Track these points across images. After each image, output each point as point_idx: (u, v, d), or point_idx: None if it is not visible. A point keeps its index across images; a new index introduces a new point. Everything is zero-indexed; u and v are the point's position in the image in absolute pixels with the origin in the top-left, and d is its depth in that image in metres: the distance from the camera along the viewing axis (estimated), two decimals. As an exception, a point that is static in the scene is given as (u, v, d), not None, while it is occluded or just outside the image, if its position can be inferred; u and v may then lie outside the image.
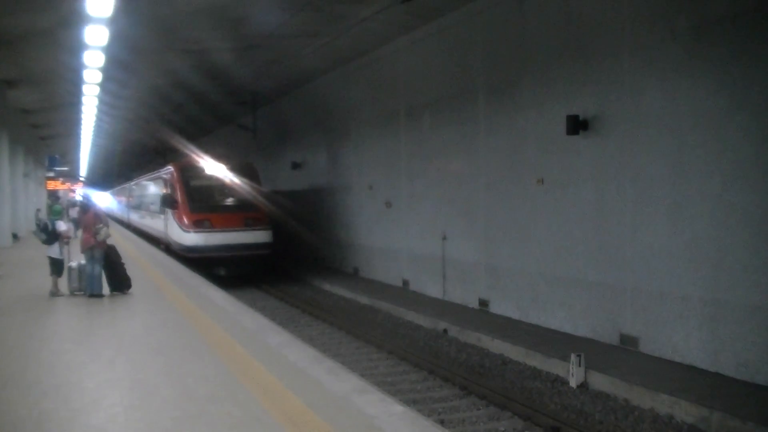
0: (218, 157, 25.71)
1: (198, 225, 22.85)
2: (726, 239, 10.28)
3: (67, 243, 15.49)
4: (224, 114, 32.76)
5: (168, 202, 25.16)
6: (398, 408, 6.83)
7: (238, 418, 6.60)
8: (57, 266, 14.88)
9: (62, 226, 15.06)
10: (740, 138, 10.03)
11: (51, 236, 14.89)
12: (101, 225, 14.64)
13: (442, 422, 9.16)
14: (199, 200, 24.05)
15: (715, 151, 10.38)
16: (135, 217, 41.43)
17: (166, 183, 26.85)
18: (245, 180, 24.71)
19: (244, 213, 23.64)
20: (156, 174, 31.54)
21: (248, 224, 23.14)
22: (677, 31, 10.95)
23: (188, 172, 25.00)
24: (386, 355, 13.44)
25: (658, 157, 11.39)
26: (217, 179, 24.74)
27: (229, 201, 24.59)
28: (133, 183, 45.80)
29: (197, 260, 22.43)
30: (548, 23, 13.84)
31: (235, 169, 25.12)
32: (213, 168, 24.94)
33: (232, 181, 24.59)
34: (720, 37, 10.28)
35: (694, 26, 10.67)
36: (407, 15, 16.70)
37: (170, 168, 26.44)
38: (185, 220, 23.23)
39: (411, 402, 9.93)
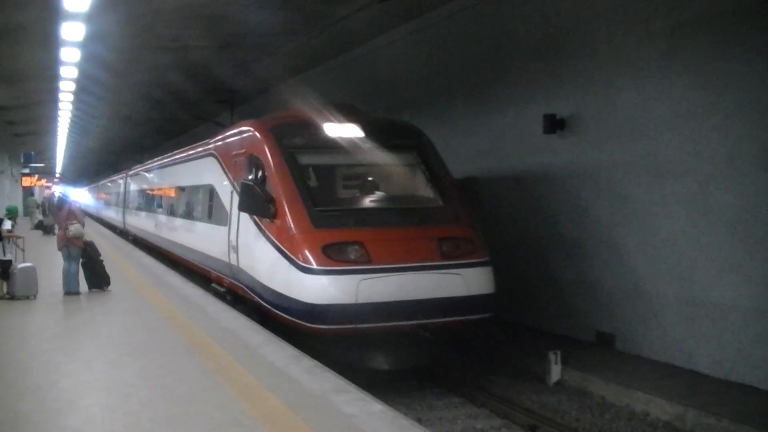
0: (338, 109, 12.02)
1: (333, 256, 10.02)
2: (701, 239, 10.40)
3: (22, 245, 15.07)
4: (202, 112, 32.60)
5: (250, 201, 11.27)
6: (377, 407, 6.85)
7: (217, 419, 6.59)
8: (2, 267, 14.20)
9: (6, 224, 14.68)
10: (715, 139, 10.15)
11: None
12: (74, 221, 14.48)
13: (419, 420, 9.20)
14: (330, 199, 11.70)
15: (691, 152, 10.50)
16: (144, 224, 26.21)
17: (235, 162, 13.03)
18: (414, 156, 12.03)
19: (434, 228, 10.74)
20: (203, 148, 16.59)
21: (447, 254, 10.41)
22: (653, 33, 11.06)
23: (293, 138, 11.61)
24: None
25: (634, 157, 11.50)
26: (358, 154, 11.50)
27: (396, 201, 11.69)
28: (135, 171, 32.54)
29: (329, 336, 10.08)
30: (525, 24, 13.91)
31: (388, 132, 12.11)
32: (343, 130, 11.61)
33: (390, 158, 11.63)
34: (695, 38, 10.39)
35: (670, 28, 10.78)
36: (385, 14, 16.71)
37: (249, 130, 12.56)
38: (300, 245, 10.19)
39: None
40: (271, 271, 10.68)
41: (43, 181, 65.92)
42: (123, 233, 33.78)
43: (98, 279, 14.82)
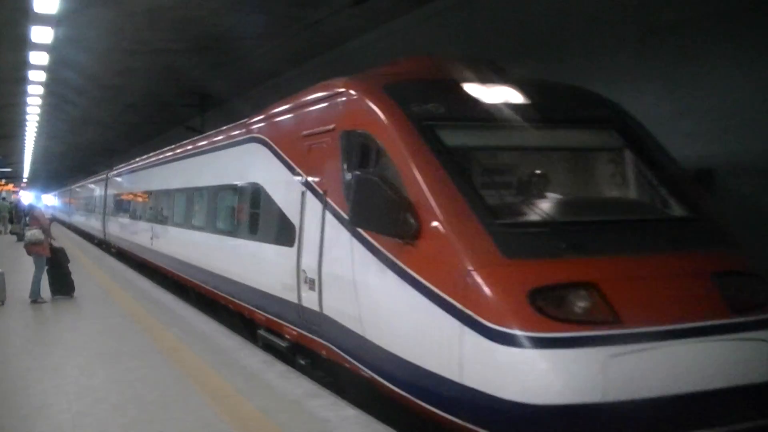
0: (475, 65, 8.05)
1: (550, 312, 5.27)
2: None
3: None
4: (174, 115, 32.42)
5: (371, 209, 6.30)
6: (350, 411, 6.83)
7: (189, 424, 6.54)
8: None
9: None
10: (685, 144, 10.25)
11: None
12: (35, 227, 14.31)
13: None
14: (515, 206, 6.61)
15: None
16: (135, 236, 21.37)
17: (311, 147, 8.36)
18: (615, 136, 7.45)
19: (700, 255, 6.10)
20: (238, 131, 12.15)
21: (736, 303, 5.61)
22: (624, 38, 11.17)
23: (427, 105, 6.93)
24: None
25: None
26: (535, 132, 7.06)
27: (619, 207, 7.10)
28: (119, 170, 28.11)
29: None
30: (498, 29, 13.98)
31: (568, 100, 7.84)
32: (500, 95, 7.25)
33: (582, 138, 7.63)
34: (665, 44, 10.51)
35: (641, 33, 10.90)
36: (359, 18, 16.75)
37: (343, 93, 7.90)
38: (486, 290, 5.43)
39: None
40: (414, 334, 6.04)
41: (11, 186, 65.09)
42: (103, 244, 29.56)
43: (64, 286, 14.59)
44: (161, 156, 19.96)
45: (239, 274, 10.82)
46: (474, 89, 7.27)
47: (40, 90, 25.26)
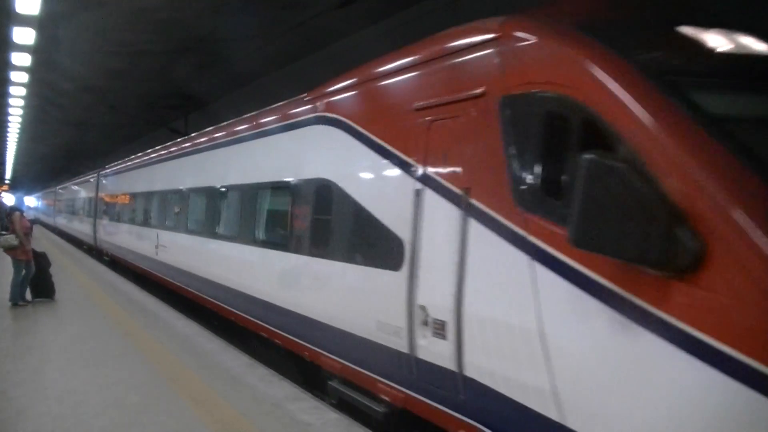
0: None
1: None
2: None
3: None
4: (158, 117, 32.28)
5: (603, 224, 3.68)
6: (332, 415, 6.84)
7: (170, 427, 6.53)
8: None
9: None
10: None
11: None
12: (10, 233, 14.23)
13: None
14: None
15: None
16: (136, 244, 18.42)
17: (443, 124, 5.65)
18: None
19: None
20: (295, 109, 9.24)
21: None
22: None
23: (655, 53, 4.29)
24: None
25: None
26: None
27: None
28: (114, 169, 25.62)
29: None
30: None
31: None
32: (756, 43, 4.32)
33: None
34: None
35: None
36: (343, 21, 16.75)
37: (514, 38, 5.08)
38: None
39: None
40: None
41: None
42: (93, 251, 27.38)
43: (45, 289, 14.50)
44: (175, 149, 16.59)
45: (295, 302, 8.24)
46: (710, 34, 4.51)
47: (23, 91, 25.06)
